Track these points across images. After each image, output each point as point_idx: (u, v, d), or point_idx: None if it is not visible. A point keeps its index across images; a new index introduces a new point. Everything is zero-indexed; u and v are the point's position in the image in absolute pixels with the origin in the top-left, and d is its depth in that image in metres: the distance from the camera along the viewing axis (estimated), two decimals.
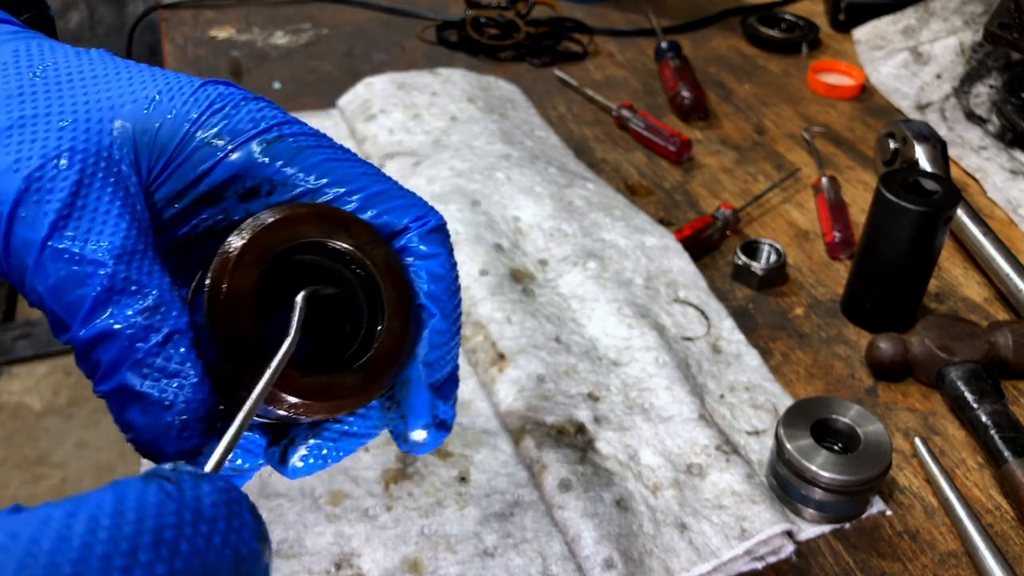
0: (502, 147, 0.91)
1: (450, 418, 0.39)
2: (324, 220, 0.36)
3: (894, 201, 0.69)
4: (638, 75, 1.17)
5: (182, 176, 0.36)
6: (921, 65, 1.15)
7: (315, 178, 0.37)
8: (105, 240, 0.33)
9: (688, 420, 0.64)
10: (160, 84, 0.37)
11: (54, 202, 0.33)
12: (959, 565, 0.58)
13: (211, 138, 0.36)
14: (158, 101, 0.36)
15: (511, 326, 0.70)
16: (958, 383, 0.67)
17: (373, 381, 0.36)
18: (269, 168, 0.36)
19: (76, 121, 0.35)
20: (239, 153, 0.36)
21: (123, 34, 2.29)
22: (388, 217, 0.38)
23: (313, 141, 0.38)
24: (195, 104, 0.36)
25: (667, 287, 0.77)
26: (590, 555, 0.54)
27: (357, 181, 0.37)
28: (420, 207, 0.39)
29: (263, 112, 0.37)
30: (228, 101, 0.37)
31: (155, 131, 0.36)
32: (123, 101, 0.36)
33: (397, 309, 0.37)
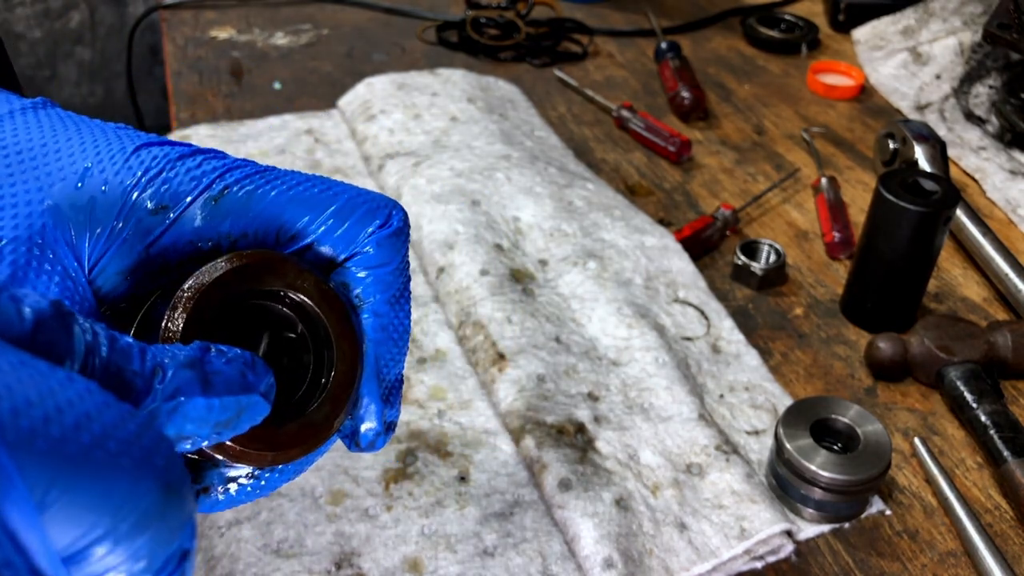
0: (502, 147, 0.91)
1: (395, 419, 0.39)
2: (245, 271, 0.34)
3: (893, 201, 0.70)
4: (638, 75, 1.17)
5: (129, 249, 0.34)
6: (920, 65, 1.15)
7: (272, 219, 0.36)
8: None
9: (688, 420, 0.64)
10: (90, 153, 0.34)
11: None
12: (958, 565, 0.58)
13: (153, 207, 0.34)
14: (90, 174, 0.34)
15: (511, 326, 0.70)
16: (957, 383, 0.67)
17: (338, 410, 0.36)
18: (223, 225, 0.35)
19: (3, 208, 0.33)
20: (186, 218, 0.34)
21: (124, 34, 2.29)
22: (354, 229, 0.37)
23: (260, 180, 0.36)
24: (129, 172, 0.34)
25: (667, 287, 0.77)
26: (590, 555, 0.55)
27: (315, 206, 0.36)
28: (382, 209, 0.37)
29: (202, 168, 0.35)
30: (165, 163, 0.34)
31: (90, 207, 0.33)
32: (52, 179, 0.34)
33: (341, 332, 0.36)
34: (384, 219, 0.37)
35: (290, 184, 0.36)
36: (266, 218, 0.35)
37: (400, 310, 0.38)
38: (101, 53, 2.34)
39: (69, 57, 2.32)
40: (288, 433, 0.34)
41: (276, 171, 0.37)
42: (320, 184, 0.37)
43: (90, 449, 0.22)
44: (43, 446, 0.20)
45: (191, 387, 0.28)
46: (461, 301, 0.73)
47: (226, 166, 0.36)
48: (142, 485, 0.23)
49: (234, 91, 1.07)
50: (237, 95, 1.06)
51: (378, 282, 0.37)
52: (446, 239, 0.77)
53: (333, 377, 0.36)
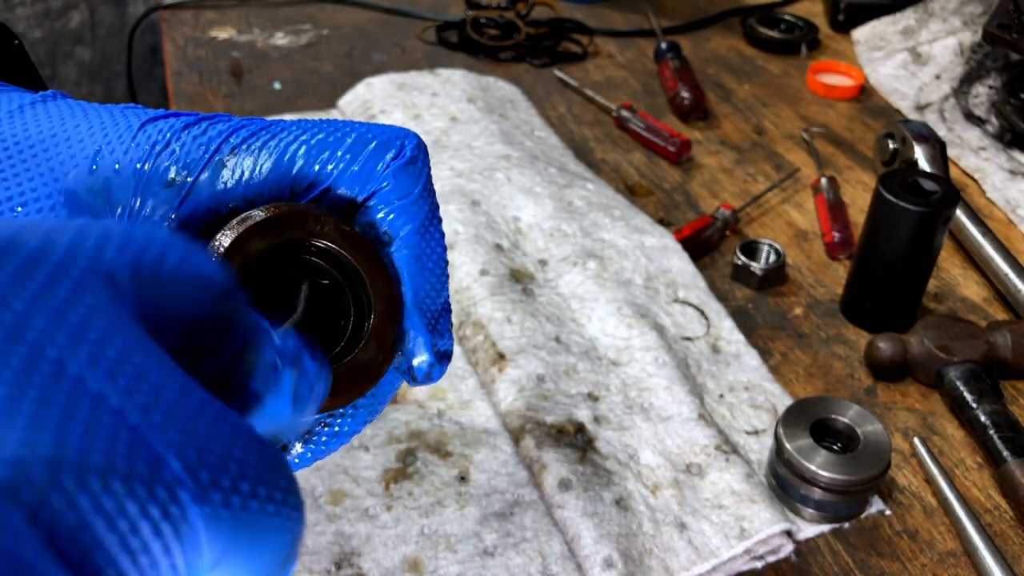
0: (502, 147, 0.91)
1: (450, 347, 0.39)
2: (263, 227, 0.34)
3: (893, 201, 0.70)
4: (638, 75, 1.17)
5: (151, 224, 0.35)
6: (920, 65, 1.15)
7: (283, 172, 0.36)
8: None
9: (687, 420, 0.64)
10: (99, 136, 0.35)
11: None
12: (958, 565, 0.58)
13: (166, 180, 0.34)
14: (101, 156, 0.34)
15: (511, 326, 0.70)
16: (957, 383, 0.67)
17: (384, 348, 0.36)
18: (239, 189, 0.35)
19: (25, 203, 0.34)
20: (200, 185, 0.35)
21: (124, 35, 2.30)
22: (367, 166, 0.37)
23: (266, 136, 0.36)
24: (137, 148, 0.35)
25: (667, 287, 0.77)
26: (590, 554, 0.55)
27: (325, 151, 0.37)
28: (394, 141, 0.37)
29: (207, 134, 0.35)
30: (171, 135, 0.35)
31: (106, 189, 0.34)
32: (65, 167, 0.34)
33: (373, 272, 0.36)
34: (397, 150, 0.37)
35: (297, 134, 0.36)
36: (278, 173, 0.36)
37: (431, 238, 0.38)
38: (101, 53, 2.34)
39: (69, 57, 2.32)
40: (339, 376, 0.35)
41: (282, 123, 0.37)
42: (327, 128, 0.37)
43: (262, 507, 0.20)
44: (226, 513, 0.19)
45: (283, 406, 0.28)
46: (461, 301, 0.73)
47: (231, 128, 0.36)
48: (286, 536, 0.21)
49: (234, 91, 1.07)
50: (237, 95, 1.06)
51: (403, 214, 0.37)
52: (446, 239, 0.77)
53: (373, 317, 0.36)
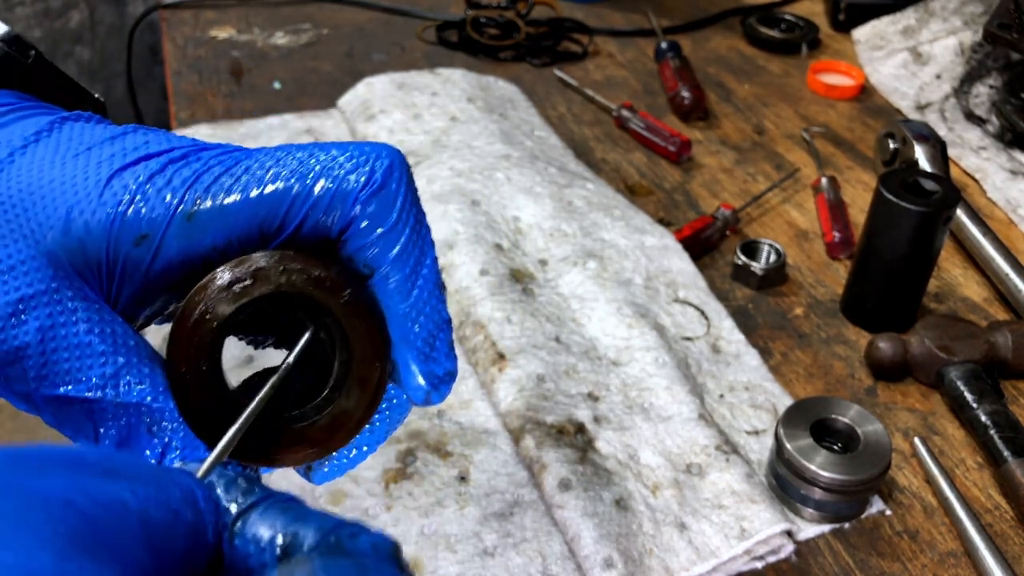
0: (502, 147, 0.91)
1: (451, 368, 0.38)
2: (226, 294, 0.34)
3: (894, 201, 0.69)
4: (638, 75, 1.17)
5: (130, 280, 0.35)
6: (921, 65, 1.15)
7: (250, 219, 0.35)
8: (86, 375, 0.33)
9: (688, 420, 0.64)
10: (70, 194, 0.35)
11: (27, 358, 0.33)
12: (958, 565, 0.58)
13: (134, 239, 0.34)
14: (72, 217, 0.34)
15: (511, 326, 0.70)
16: (957, 383, 0.67)
17: (367, 388, 0.36)
18: (204, 240, 0.35)
19: (13, 268, 0.34)
20: (167, 242, 0.34)
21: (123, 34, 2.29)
22: (336, 202, 0.35)
23: (230, 180, 0.35)
24: (103, 207, 0.34)
25: (667, 287, 0.77)
26: (590, 554, 0.55)
27: (289, 189, 0.35)
28: (362, 167, 0.36)
29: (172, 184, 0.35)
30: (137, 189, 0.35)
31: (82, 250, 0.34)
32: (43, 230, 0.34)
33: (348, 312, 0.35)
34: (368, 176, 0.36)
35: (261, 175, 0.35)
36: (244, 220, 0.35)
37: (416, 261, 0.37)
38: (101, 53, 2.34)
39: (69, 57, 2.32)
40: (322, 427, 0.35)
41: (249, 160, 0.36)
42: (292, 160, 0.36)
43: None
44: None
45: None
46: (461, 301, 0.73)
47: (196, 174, 0.35)
48: None
49: (234, 91, 1.07)
50: (237, 95, 1.06)
51: (380, 242, 0.36)
52: (446, 239, 0.77)
53: (353, 358, 0.35)
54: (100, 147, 0.36)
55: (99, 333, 0.34)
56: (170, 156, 0.36)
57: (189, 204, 0.35)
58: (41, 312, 0.33)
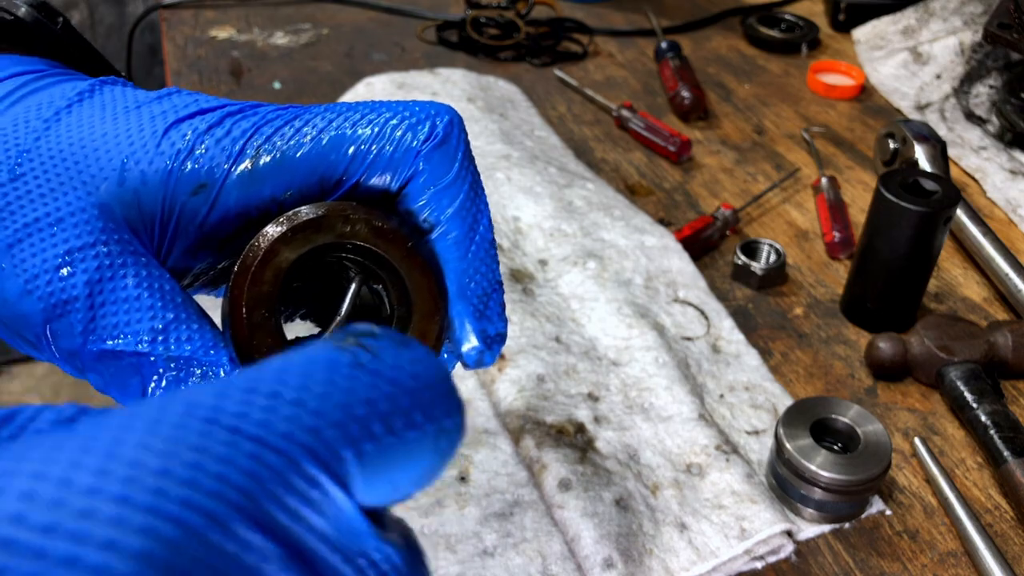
0: (502, 147, 0.91)
1: (502, 330, 0.37)
2: (290, 238, 0.34)
3: (894, 201, 0.69)
4: (638, 75, 1.17)
5: (184, 233, 0.34)
6: (921, 65, 1.15)
7: (311, 171, 0.35)
8: (134, 329, 0.33)
9: (688, 420, 0.64)
10: (124, 146, 0.34)
11: (75, 312, 0.33)
12: (958, 565, 0.58)
13: (192, 189, 0.34)
14: (127, 168, 0.34)
15: (511, 326, 0.70)
16: (957, 383, 0.67)
17: (428, 342, 0.35)
18: (264, 190, 0.34)
19: (62, 219, 0.33)
20: (225, 192, 0.34)
21: (123, 34, 2.29)
22: (397, 154, 0.35)
23: (291, 132, 0.35)
24: (161, 158, 0.34)
25: (667, 287, 0.77)
26: (590, 555, 0.55)
27: (351, 144, 0.35)
28: (423, 122, 0.36)
29: (231, 135, 0.35)
30: (195, 140, 0.34)
31: (136, 202, 0.34)
32: (97, 181, 0.34)
33: (410, 264, 0.35)
34: (428, 132, 0.36)
35: (323, 127, 0.35)
36: (304, 172, 0.35)
37: (473, 219, 0.37)
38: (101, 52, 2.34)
39: None
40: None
41: (308, 114, 0.36)
42: (354, 116, 0.36)
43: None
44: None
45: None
46: None
47: (255, 126, 0.35)
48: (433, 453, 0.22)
49: (234, 91, 1.07)
50: (237, 95, 1.06)
51: (440, 198, 0.36)
52: None
53: (414, 310, 0.35)
54: (149, 105, 0.36)
55: (147, 287, 0.33)
56: (227, 110, 0.36)
57: (248, 154, 0.34)
58: (89, 264, 0.33)
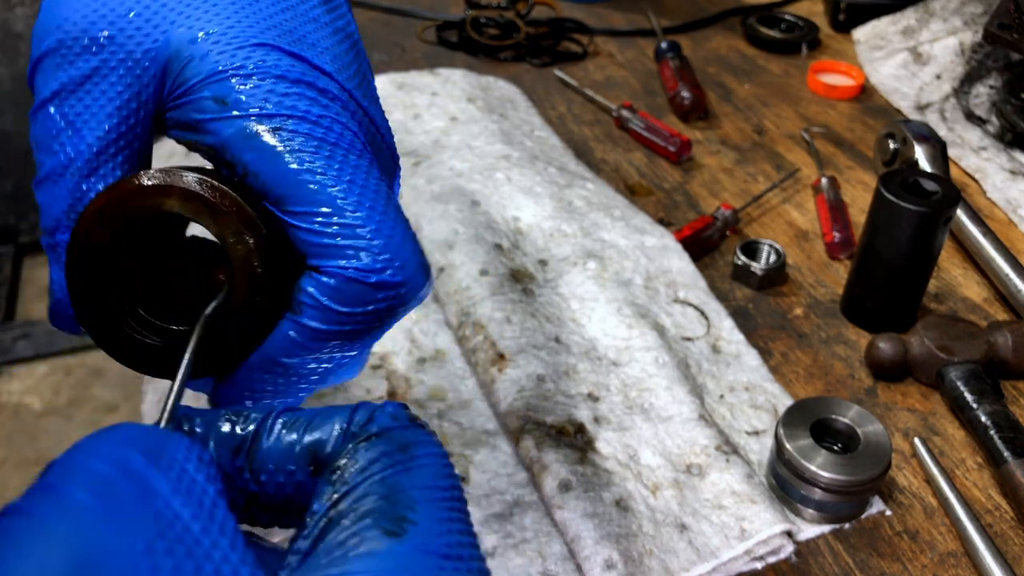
0: (502, 147, 0.91)
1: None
2: (195, 199, 0.35)
3: (894, 201, 0.69)
4: (638, 75, 1.17)
5: (183, 113, 0.36)
6: (921, 65, 1.15)
7: (282, 191, 0.35)
8: (87, 131, 0.36)
9: (688, 420, 0.64)
10: (215, 24, 0.36)
11: (67, 72, 0.36)
12: (959, 565, 0.58)
13: (217, 96, 0.35)
14: (201, 40, 0.36)
15: (511, 326, 0.70)
16: (958, 383, 0.67)
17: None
18: (246, 155, 0.35)
19: (133, 20, 0.36)
20: (228, 125, 0.35)
21: None
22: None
23: (319, 148, 0.35)
24: (223, 59, 0.36)
25: (667, 287, 0.77)
26: (590, 555, 0.54)
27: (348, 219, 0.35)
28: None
29: (281, 98, 0.36)
30: (258, 69, 0.36)
31: (183, 64, 0.36)
32: (178, 24, 0.36)
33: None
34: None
35: (333, 178, 0.35)
36: (279, 186, 0.35)
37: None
38: None
39: None
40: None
41: (346, 151, 0.36)
42: (359, 198, 0.36)
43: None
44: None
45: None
46: (461, 301, 0.73)
47: (304, 110, 0.36)
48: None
49: None
50: None
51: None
52: (446, 239, 0.77)
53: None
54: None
55: (118, 107, 0.38)
56: (303, 73, 0.38)
57: (272, 123, 0.36)
58: (106, 58, 0.37)
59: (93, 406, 2.10)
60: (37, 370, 2.19)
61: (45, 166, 0.37)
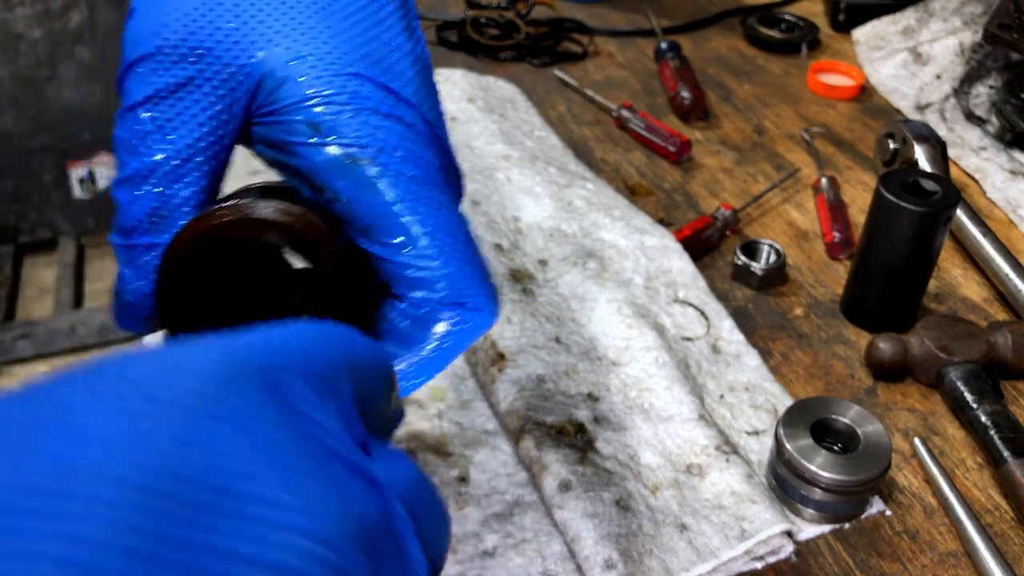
0: (502, 147, 0.91)
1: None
2: (295, 234, 0.36)
3: (893, 201, 0.69)
4: (638, 75, 1.17)
5: (271, 131, 0.37)
6: (921, 65, 1.15)
7: (370, 221, 0.37)
8: (178, 136, 0.37)
9: (688, 420, 0.64)
10: (312, 48, 0.37)
11: (163, 78, 0.36)
12: (958, 565, 0.58)
13: (311, 121, 0.36)
14: (297, 63, 0.37)
15: (511, 326, 0.70)
16: (958, 383, 0.67)
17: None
18: (338, 182, 0.36)
19: (232, 33, 0.36)
20: (322, 153, 0.36)
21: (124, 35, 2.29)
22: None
23: (408, 183, 0.37)
24: (319, 85, 0.36)
25: (667, 287, 0.77)
26: (590, 555, 0.55)
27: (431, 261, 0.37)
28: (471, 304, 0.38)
29: (374, 130, 0.37)
30: (352, 100, 0.37)
31: (278, 84, 0.37)
32: (275, 42, 0.37)
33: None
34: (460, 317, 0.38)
35: (420, 221, 0.37)
36: (374, 218, 0.37)
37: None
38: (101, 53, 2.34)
39: (69, 57, 2.32)
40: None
41: (431, 190, 0.38)
42: (446, 247, 0.38)
43: None
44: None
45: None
46: None
47: (395, 143, 0.37)
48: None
49: None
50: None
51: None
52: None
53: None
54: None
55: (207, 119, 0.38)
56: (398, 106, 0.39)
57: (364, 153, 0.37)
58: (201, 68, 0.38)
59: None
60: (37, 370, 2.19)
61: (129, 167, 0.37)
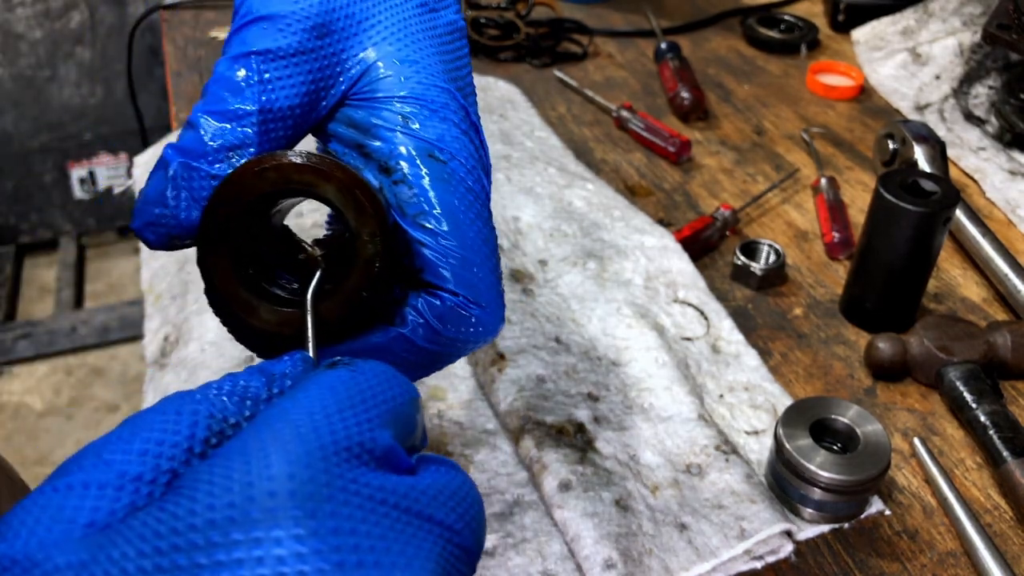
0: (502, 148, 0.91)
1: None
2: (349, 193, 0.37)
3: (893, 202, 0.70)
4: (638, 76, 1.17)
5: (358, 113, 0.39)
6: (920, 66, 1.15)
7: (424, 208, 0.38)
8: (280, 92, 0.38)
9: (687, 420, 0.64)
10: (425, 59, 0.40)
11: (287, 39, 0.39)
12: (958, 565, 0.58)
13: (405, 115, 0.39)
14: (407, 65, 0.40)
15: (511, 326, 0.70)
16: (957, 383, 0.67)
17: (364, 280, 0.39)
18: (413, 169, 0.38)
19: (354, 26, 0.39)
20: (411, 141, 0.38)
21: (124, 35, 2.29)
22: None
23: (465, 192, 0.39)
24: (418, 89, 0.39)
25: (666, 287, 0.77)
26: (590, 555, 0.55)
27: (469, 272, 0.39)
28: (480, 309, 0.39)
29: (453, 139, 0.39)
30: (441, 109, 0.39)
31: (382, 76, 0.39)
32: (389, 42, 0.40)
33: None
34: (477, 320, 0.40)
35: (467, 237, 0.39)
36: (432, 217, 0.39)
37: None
38: (101, 53, 2.34)
39: (69, 57, 2.32)
40: (332, 306, 0.39)
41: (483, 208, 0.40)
42: (480, 254, 0.40)
43: None
44: None
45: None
46: None
47: (469, 157, 0.40)
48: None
49: None
50: None
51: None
52: None
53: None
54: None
55: (305, 92, 0.40)
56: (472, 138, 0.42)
57: (430, 162, 0.39)
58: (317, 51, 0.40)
59: (94, 406, 2.10)
60: (38, 370, 2.19)
61: (223, 101, 0.38)
